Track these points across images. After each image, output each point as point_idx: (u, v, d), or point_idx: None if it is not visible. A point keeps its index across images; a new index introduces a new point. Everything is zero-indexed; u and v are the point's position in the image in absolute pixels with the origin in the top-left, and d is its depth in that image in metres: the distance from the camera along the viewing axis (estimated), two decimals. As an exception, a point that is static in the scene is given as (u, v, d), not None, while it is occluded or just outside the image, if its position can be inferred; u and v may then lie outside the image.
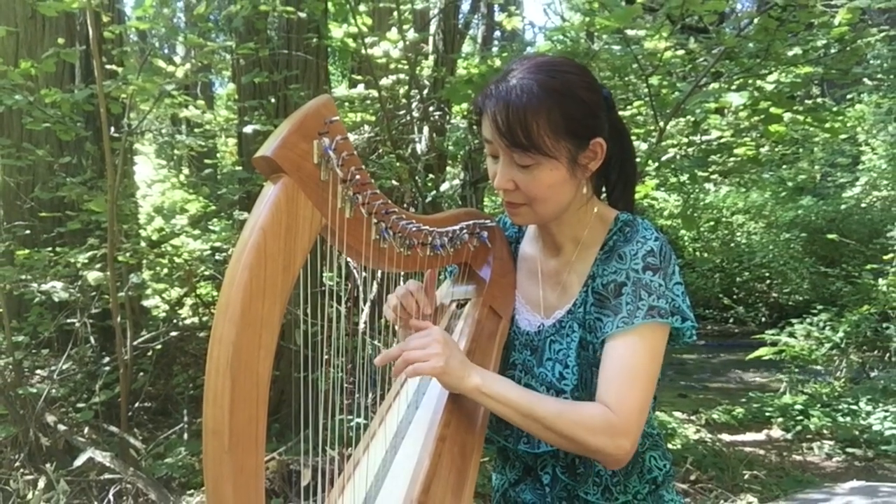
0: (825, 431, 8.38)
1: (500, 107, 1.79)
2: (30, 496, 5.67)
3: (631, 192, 2.09)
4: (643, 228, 1.90)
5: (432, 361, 1.70)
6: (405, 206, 6.78)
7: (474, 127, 7.45)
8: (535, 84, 1.79)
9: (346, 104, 7.25)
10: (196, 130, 9.68)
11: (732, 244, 18.37)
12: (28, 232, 6.84)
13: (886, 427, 7.91)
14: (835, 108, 8.67)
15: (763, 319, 15.97)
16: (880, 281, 10.60)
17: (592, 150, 1.86)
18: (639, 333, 1.78)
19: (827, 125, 7.14)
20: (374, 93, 6.76)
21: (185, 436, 6.55)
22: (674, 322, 1.81)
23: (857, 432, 8.02)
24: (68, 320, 6.70)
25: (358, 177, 1.58)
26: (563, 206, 1.91)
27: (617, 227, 1.94)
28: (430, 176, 7.29)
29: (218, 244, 7.17)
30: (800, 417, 8.66)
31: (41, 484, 5.71)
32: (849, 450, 7.86)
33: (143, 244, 7.03)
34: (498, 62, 6.81)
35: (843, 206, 17.05)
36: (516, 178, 1.84)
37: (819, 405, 8.89)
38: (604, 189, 2.10)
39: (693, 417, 8.97)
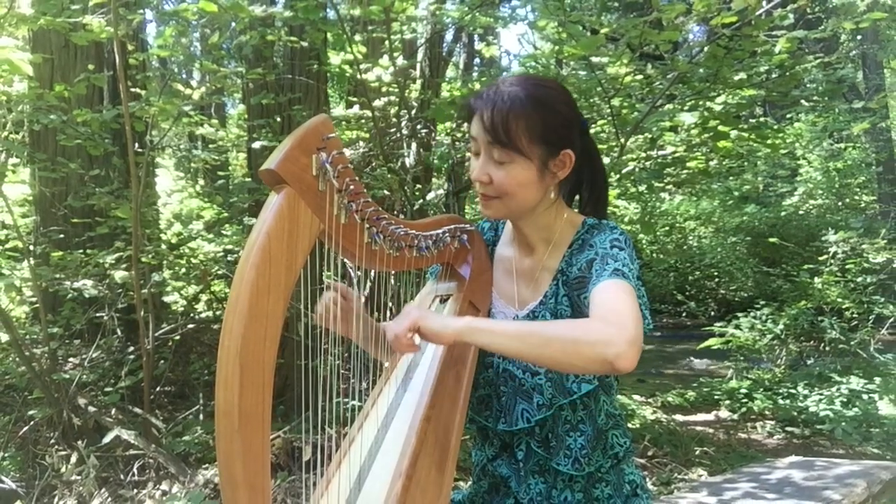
0: (767, 412, 8.40)
1: (488, 107, 1.83)
2: (63, 470, 5.65)
3: (602, 209, 2.09)
4: (609, 226, 1.93)
5: (407, 321, 1.69)
6: (395, 213, 6.78)
7: (457, 143, 7.47)
8: (522, 92, 1.83)
9: (343, 123, 7.24)
10: (210, 146, 9.69)
11: (685, 247, 18.42)
12: (62, 236, 6.83)
13: (821, 409, 7.93)
14: (776, 127, 8.68)
15: (712, 313, 15.99)
16: (816, 279, 10.63)
17: (562, 159, 1.88)
18: (609, 281, 1.72)
19: (769, 141, 7.17)
20: (368, 113, 6.76)
21: (201, 416, 6.53)
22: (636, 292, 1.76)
23: (795, 413, 8.04)
24: (97, 314, 6.68)
25: (352, 187, 1.59)
26: (529, 205, 1.92)
27: (584, 229, 1.96)
28: (418, 186, 7.29)
29: (229, 247, 7.17)
30: (745, 400, 8.68)
31: (73, 459, 5.69)
32: (788, 429, 7.88)
33: (163, 247, 7.02)
34: (477, 86, 6.81)
35: (783, 213, 17.15)
36: (492, 172, 1.86)
37: (762, 389, 8.91)
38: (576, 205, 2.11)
39: (650, 400, 8.97)
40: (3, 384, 6.54)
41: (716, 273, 17.46)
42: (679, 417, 8.36)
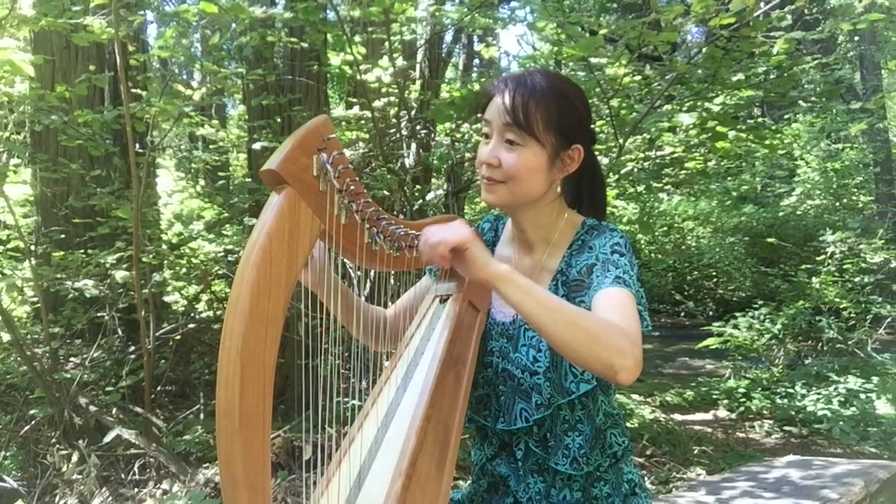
0: (765, 412, 8.41)
1: (511, 89, 1.85)
2: (65, 469, 5.65)
3: (601, 217, 2.07)
4: (609, 228, 1.93)
5: (457, 235, 1.68)
6: (395, 213, 6.78)
7: (456, 144, 7.46)
8: (544, 82, 1.87)
9: (343, 123, 7.24)
10: (211, 147, 9.70)
11: (683, 247, 18.39)
12: (63, 236, 6.83)
13: (818, 408, 7.95)
14: (773, 127, 8.69)
15: (710, 313, 15.97)
16: (813, 279, 10.63)
17: (571, 154, 1.90)
18: (613, 289, 1.74)
19: (766, 142, 7.17)
20: (368, 113, 6.76)
21: (202, 416, 6.54)
22: (636, 298, 1.78)
23: (793, 413, 8.05)
24: (98, 314, 6.68)
25: (352, 187, 1.59)
26: (534, 194, 1.91)
27: (584, 230, 1.96)
28: (418, 187, 7.29)
29: (230, 247, 7.16)
30: (743, 399, 8.69)
31: (75, 458, 5.69)
32: (786, 428, 7.90)
33: (164, 247, 7.02)
34: (476, 87, 6.81)
35: (780, 214, 17.14)
36: (502, 155, 1.86)
37: (760, 389, 8.92)
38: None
39: (649, 399, 8.97)
40: (4, 383, 6.54)
41: (714, 273, 17.45)
42: (677, 417, 8.36)
